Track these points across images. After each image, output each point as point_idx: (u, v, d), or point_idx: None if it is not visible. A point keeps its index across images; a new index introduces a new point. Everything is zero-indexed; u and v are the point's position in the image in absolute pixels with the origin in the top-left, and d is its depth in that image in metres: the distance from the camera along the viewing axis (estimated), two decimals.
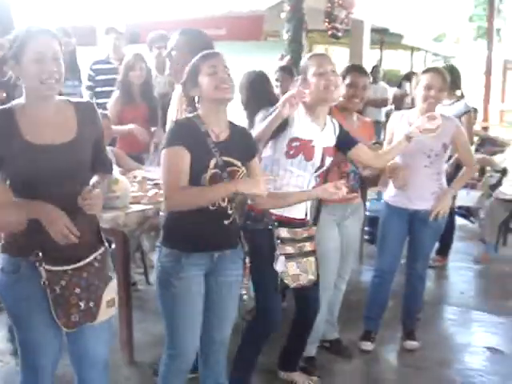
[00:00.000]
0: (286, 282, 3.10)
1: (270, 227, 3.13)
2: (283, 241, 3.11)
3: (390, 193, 4.03)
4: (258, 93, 4.10)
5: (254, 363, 3.37)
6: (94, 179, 2.47)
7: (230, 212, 2.70)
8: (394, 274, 4.07)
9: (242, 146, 2.74)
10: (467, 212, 6.85)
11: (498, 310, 4.88)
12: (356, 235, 3.99)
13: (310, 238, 3.25)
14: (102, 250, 2.51)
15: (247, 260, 2.85)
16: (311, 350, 3.77)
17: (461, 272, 5.94)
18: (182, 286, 2.68)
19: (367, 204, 5.60)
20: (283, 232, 3.12)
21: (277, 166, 3.19)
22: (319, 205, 3.53)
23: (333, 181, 3.52)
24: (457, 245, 6.37)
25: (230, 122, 2.78)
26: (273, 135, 3.07)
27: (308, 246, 3.22)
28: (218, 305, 2.82)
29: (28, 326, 2.41)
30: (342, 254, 3.74)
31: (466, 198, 7.12)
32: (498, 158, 6.82)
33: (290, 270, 3.10)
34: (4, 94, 3.73)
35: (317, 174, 3.29)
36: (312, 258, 3.22)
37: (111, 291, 2.52)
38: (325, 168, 3.32)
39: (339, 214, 3.71)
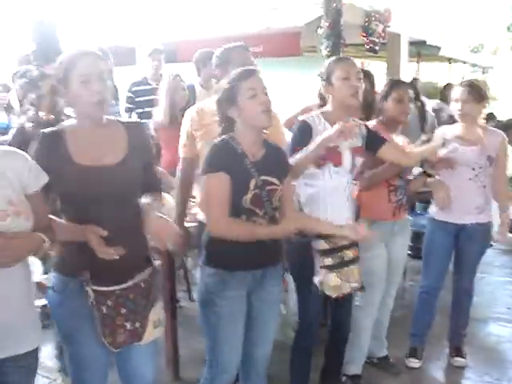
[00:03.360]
0: (327, 293, 3.04)
1: (308, 240, 3.06)
2: (322, 253, 3.04)
3: (434, 207, 3.99)
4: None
5: (306, 377, 3.38)
6: (144, 201, 2.48)
7: None
8: (440, 290, 4.03)
9: (277, 163, 2.73)
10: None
11: None
12: (404, 252, 3.94)
13: (351, 245, 3.10)
14: (149, 270, 2.52)
15: (285, 274, 2.87)
16: (357, 368, 3.75)
17: (506, 286, 5.82)
18: (225, 306, 2.68)
19: (410, 218, 5.57)
20: (321, 244, 3.05)
21: (309, 179, 3.13)
22: (358, 210, 3.47)
23: (381, 195, 3.58)
24: (501, 259, 6.27)
25: (264, 140, 2.76)
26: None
27: (350, 254, 3.09)
28: (260, 322, 2.82)
29: (77, 341, 2.45)
30: (390, 270, 3.72)
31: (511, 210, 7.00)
32: None
33: (331, 281, 3.03)
34: (52, 116, 3.80)
35: (352, 176, 3.23)
36: (354, 266, 3.11)
37: (158, 312, 2.54)
38: (357, 169, 3.26)
39: (387, 231, 3.66)
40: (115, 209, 2.35)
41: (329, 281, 3.01)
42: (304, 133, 3.08)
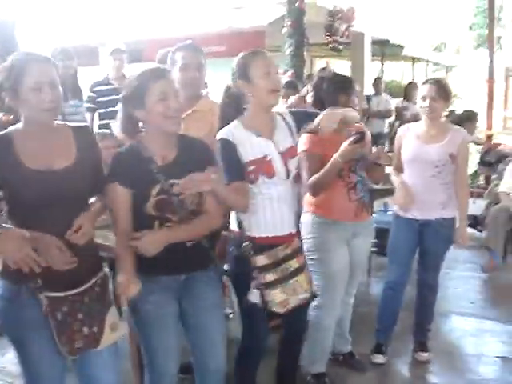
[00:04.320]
0: (274, 310, 2.86)
1: (247, 254, 2.88)
2: (262, 269, 2.85)
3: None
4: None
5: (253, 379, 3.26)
6: (93, 202, 2.48)
7: None
8: (405, 286, 4.05)
9: (192, 163, 2.56)
10: (474, 221, 6.82)
11: (507, 319, 4.86)
12: (365, 252, 3.87)
13: (294, 253, 2.95)
14: (101, 273, 2.51)
15: (224, 278, 2.77)
16: (320, 366, 3.73)
17: (469, 281, 5.91)
18: (150, 311, 2.60)
19: (374, 215, 5.62)
20: (260, 260, 2.85)
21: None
22: (299, 210, 3.30)
23: (340, 194, 3.46)
24: (464, 254, 6.36)
25: (179, 138, 2.63)
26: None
27: (294, 263, 2.93)
28: (201, 329, 2.73)
29: (30, 351, 2.39)
30: (351, 270, 3.62)
31: (473, 206, 7.09)
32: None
33: (276, 298, 2.85)
34: (11, 117, 3.75)
35: (290, 179, 3.01)
36: (301, 276, 2.94)
37: (113, 315, 2.50)
38: (295, 172, 3.04)
39: (349, 231, 3.54)
40: (65, 212, 2.31)
41: (274, 297, 2.85)
42: (228, 150, 2.87)
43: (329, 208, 3.47)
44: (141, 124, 2.60)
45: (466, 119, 6.83)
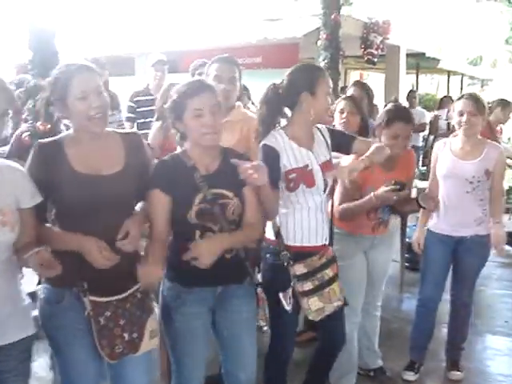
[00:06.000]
0: (310, 318, 2.92)
1: (285, 264, 2.91)
2: (300, 278, 2.89)
3: (433, 220, 3.99)
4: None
5: None
6: (139, 208, 2.51)
7: None
8: (437, 303, 4.00)
9: (234, 174, 2.53)
10: (509, 238, 6.71)
11: None
12: (385, 263, 3.86)
13: (329, 262, 3.00)
14: None
15: (259, 290, 2.75)
16: (349, 380, 3.70)
17: (504, 299, 5.80)
18: (183, 322, 2.61)
19: (407, 230, 5.57)
20: (299, 268, 2.90)
21: (283, 201, 2.98)
22: (331, 224, 3.30)
23: (360, 217, 3.54)
24: (499, 271, 6.26)
25: (222, 150, 2.67)
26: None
27: (329, 272, 2.98)
28: (233, 342, 2.75)
29: (70, 354, 2.43)
30: (371, 281, 3.70)
31: (508, 223, 7.00)
32: None
33: (313, 306, 2.90)
34: (49, 126, 3.80)
35: (326, 193, 3.08)
36: (335, 285, 3.00)
37: (153, 322, 2.53)
38: (329, 185, 3.10)
39: (366, 243, 3.66)
40: (112, 218, 2.34)
41: (311, 306, 2.90)
42: (271, 157, 2.89)
43: (347, 224, 3.55)
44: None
45: (498, 105, 6.66)
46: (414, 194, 3.92)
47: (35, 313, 2.46)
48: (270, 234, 3.03)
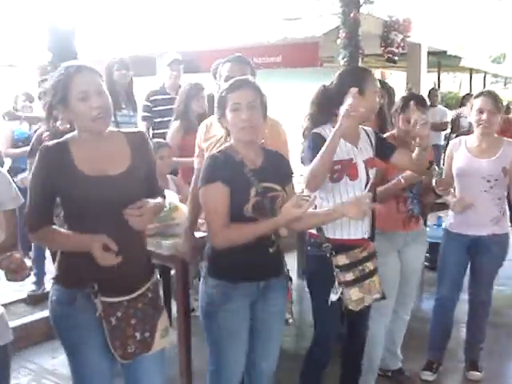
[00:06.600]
0: (350, 307, 3.00)
1: (328, 255, 3.02)
2: (342, 268, 3.00)
3: (449, 219, 3.97)
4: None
5: None
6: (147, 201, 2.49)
7: (273, 239, 2.69)
8: (455, 302, 3.99)
9: (277, 169, 2.72)
10: None
11: None
12: (418, 262, 3.90)
13: (370, 256, 3.10)
14: (154, 279, 2.56)
15: (289, 284, 2.84)
16: (369, 380, 3.70)
17: None
18: (228, 318, 2.68)
19: (427, 230, 5.53)
20: (342, 259, 3.00)
21: (325, 193, 3.07)
22: (373, 220, 3.36)
23: (389, 206, 3.56)
24: None
25: (262, 148, 2.77)
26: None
27: (370, 266, 3.08)
28: (264, 334, 2.82)
29: (82, 354, 2.44)
30: (404, 280, 3.70)
31: None
32: None
33: (354, 296, 3.00)
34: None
35: (367, 189, 3.14)
36: (375, 278, 3.10)
37: (164, 321, 2.57)
38: (371, 181, 3.18)
39: (399, 241, 3.67)
40: (119, 218, 2.35)
41: (351, 296, 2.99)
42: (317, 142, 2.97)
43: (378, 219, 3.45)
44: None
45: None
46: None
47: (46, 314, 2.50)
48: None
